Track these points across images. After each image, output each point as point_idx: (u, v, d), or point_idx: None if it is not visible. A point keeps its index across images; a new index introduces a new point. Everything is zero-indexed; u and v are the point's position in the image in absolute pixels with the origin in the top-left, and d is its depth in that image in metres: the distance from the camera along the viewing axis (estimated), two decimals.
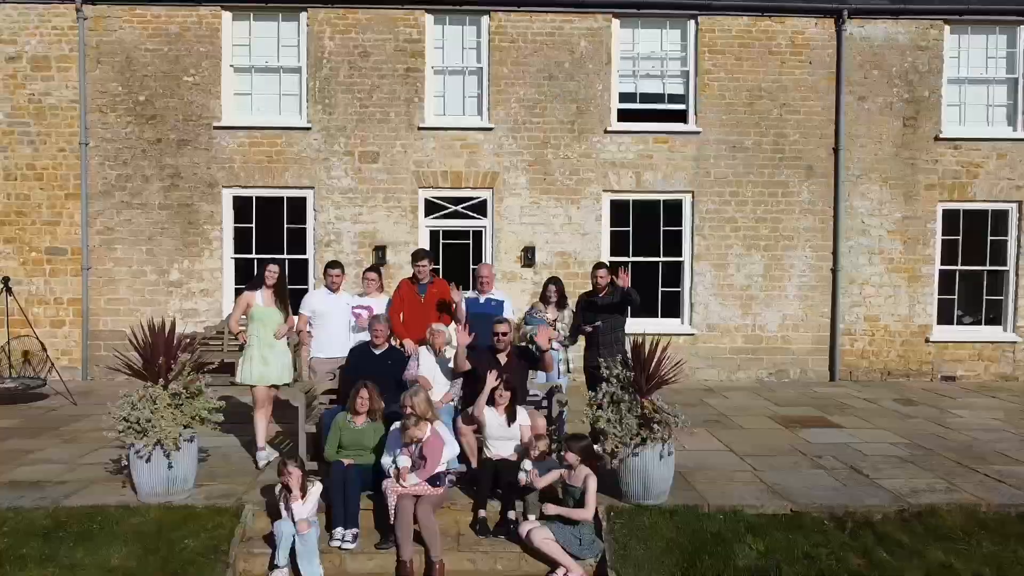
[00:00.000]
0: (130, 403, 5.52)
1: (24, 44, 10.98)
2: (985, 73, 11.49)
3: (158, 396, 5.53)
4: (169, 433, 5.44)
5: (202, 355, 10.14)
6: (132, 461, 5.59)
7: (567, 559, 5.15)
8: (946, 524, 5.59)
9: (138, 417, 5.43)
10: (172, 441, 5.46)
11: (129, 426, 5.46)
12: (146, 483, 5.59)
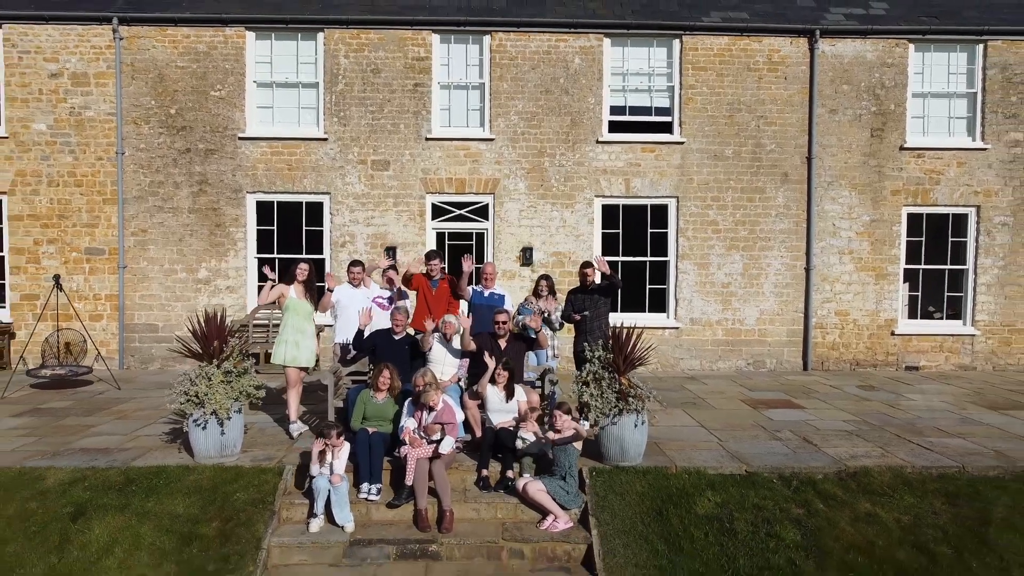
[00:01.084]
0: (189, 379, 6.56)
1: (65, 62, 12.02)
2: (947, 88, 12.50)
3: (212, 374, 6.57)
4: (222, 404, 6.48)
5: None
6: (190, 428, 6.62)
7: (556, 507, 6.18)
8: (875, 482, 6.61)
9: (196, 391, 6.47)
10: (224, 411, 6.50)
11: (188, 399, 6.50)
12: (202, 447, 6.63)
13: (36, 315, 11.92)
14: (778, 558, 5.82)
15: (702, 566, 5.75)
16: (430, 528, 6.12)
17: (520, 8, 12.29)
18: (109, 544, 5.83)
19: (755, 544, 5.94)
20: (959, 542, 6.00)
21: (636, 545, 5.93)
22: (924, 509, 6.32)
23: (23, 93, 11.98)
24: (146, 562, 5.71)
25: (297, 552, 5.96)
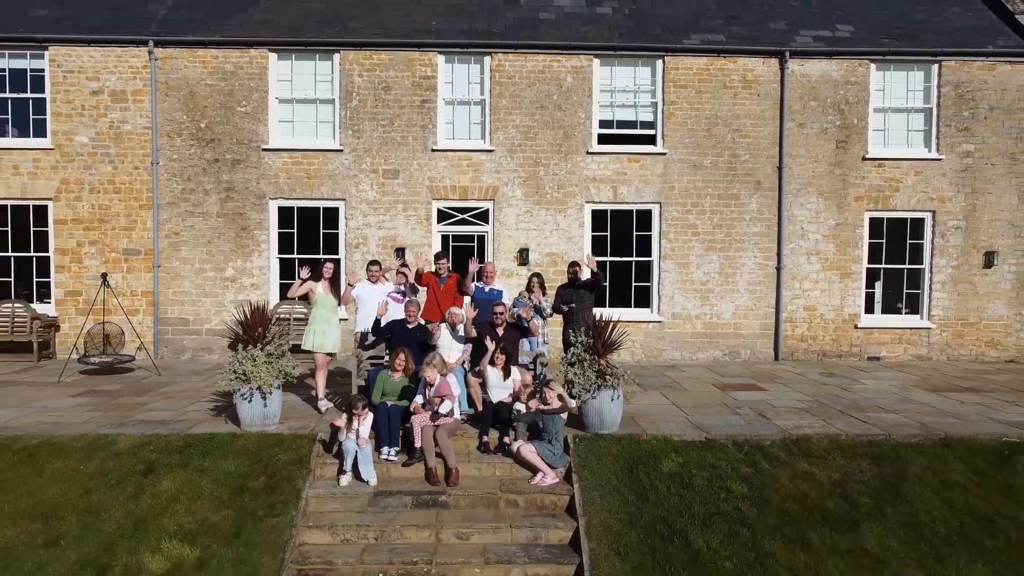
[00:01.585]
0: (237, 360, 7.81)
1: (105, 80, 13.27)
2: (905, 103, 13.74)
3: (256, 355, 7.81)
4: (265, 381, 7.73)
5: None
6: (238, 401, 7.88)
7: (544, 466, 7.42)
8: (814, 447, 7.86)
9: (243, 370, 7.72)
10: (267, 386, 7.75)
11: (236, 376, 7.75)
12: (247, 417, 7.88)
13: (79, 310, 13.22)
14: (727, 506, 7.07)
15: (664, 512, 7.00)
16: (439, 483, 7.36)
17: (517, 31, 13.54)
18: (176, 494, 7.08)
19: (709, 495, 7.18)
20: (878, 494, 7.24)
21: (610, 496, 7.17)
22: (852, 468, 7.57)
23: (67, 109, 13.24)
24: (207, 508, 6.96)
25: (330, 501, 7.21)
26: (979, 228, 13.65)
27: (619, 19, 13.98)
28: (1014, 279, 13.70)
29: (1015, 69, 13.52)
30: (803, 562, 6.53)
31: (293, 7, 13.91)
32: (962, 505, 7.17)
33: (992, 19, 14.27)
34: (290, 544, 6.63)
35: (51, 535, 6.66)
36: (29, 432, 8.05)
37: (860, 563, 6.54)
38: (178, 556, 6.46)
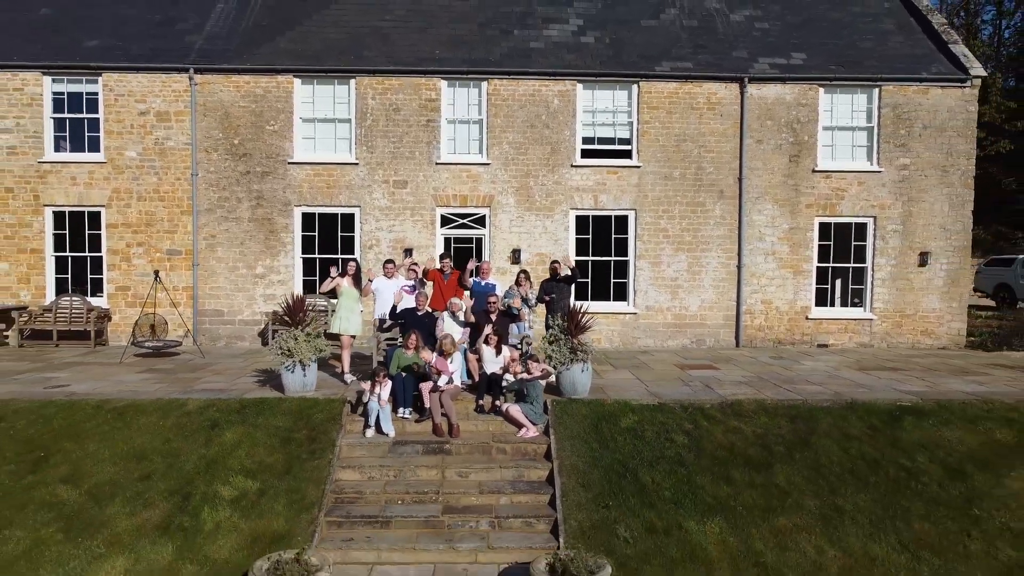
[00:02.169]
0: (282, 338, 9.75)
1: (151, 102, 15.22)
2: (850, 122, 15.68)
3: (298, 335, 9.76)
4: (305, 355, 9.68)
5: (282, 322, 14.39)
6: (282, 372, 9.83)
7: (528, 422, 9.36)
8: (744, 409, 9.80)
9: (288, 347, 9.66)
10: (307, 360, 9.71)
11: (282, 352, 9.70)
12: (290, 384, 9.84)
13: (128, 302, 15.18)
14: (670, 452, 9.02)
15: (620, 456, 8.94)
16: (444, 435, 9.30)
17: (511, 60, 15.48)
18: (237, 443, 9.03)
19: (656, 444, 9.12)
20: (790, 444, 9.19)
21: (579, 445, 9.11)
22: (772, 425, 9.52)
23: (118, 127, 15.19)
24: (263, 452, 8.91)
25: (358, 449, 9.15)
26: (915, 231, 15.59)
27: (600, 48, 15.93)
28: (945, 276, 15.64)
29: (946, 93, 15.46)
30: (726, 492, 8.48)
31: (314, 38, 15.84)
32: (856, 452, 9.12)
33: (929, 48, 16.21)
34: (328, 479, 8.58)
35: (144, 472, 8.61)
36: (115, 397, 10.01)
37: (770, 493, 8.49)
38: (243, 487, 8.41)
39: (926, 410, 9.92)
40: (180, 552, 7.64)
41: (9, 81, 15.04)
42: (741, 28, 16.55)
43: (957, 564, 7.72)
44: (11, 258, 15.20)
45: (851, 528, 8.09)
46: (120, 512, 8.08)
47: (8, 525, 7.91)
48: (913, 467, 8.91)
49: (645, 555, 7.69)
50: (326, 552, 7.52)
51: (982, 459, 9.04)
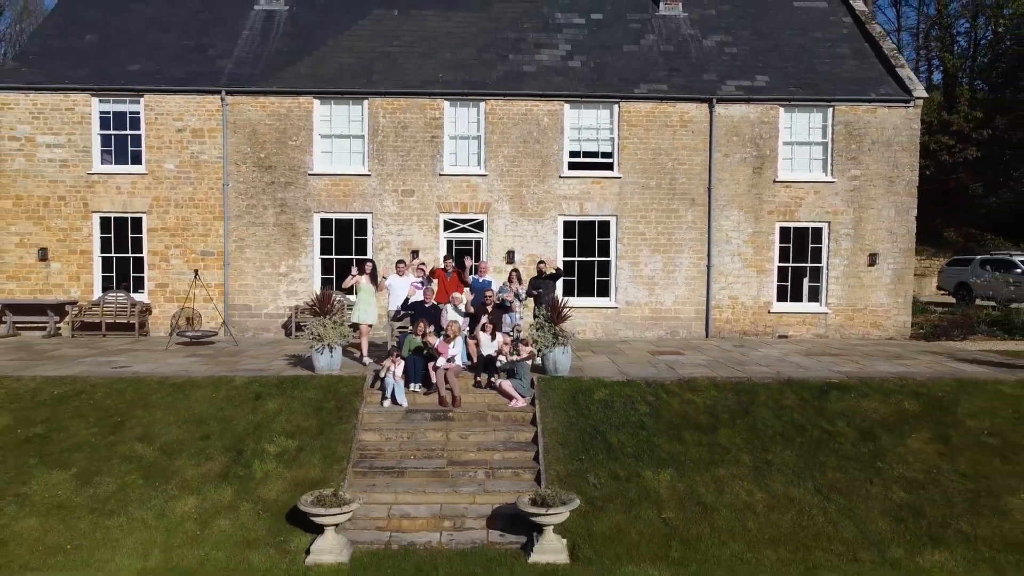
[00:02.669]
0: (314, 325, 11.70)
1: (187, 120, 17.17)
2: (807, 138, 17.64)
3: (326, 322, 11.72)
4: (332, 339, 11.63)
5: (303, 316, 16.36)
6: (313, 354, 11.79)
7: (517, 395, 11.31)
8: (698, 384, 11.75)
9: (319, 332, 11.62)
10: (334, 343, 11.66)
11: (314, 336, 11.66)
12: (320, 364, 11.80)
13: (166, 297, 17.14)
14: (634, 418, 10.96)
15: (592, 422, 10.88)
16: (448, 406, 11.25)
17: (506, 82, 17.43)
18: (278, 411, 10.98)
19: (623, 412, 11.07)
20: (733, 412, 11.13)
21: (559, 413, 11.06)
22: (720, 398, 11.46)
23: (158, 143, 17.14)
24: (299, 418, 10.85)
25: (377, 416, 11.10)
26: (864, 235, 17.55)
27: (585, 72, 17.89)
28: (892, 275, 17.59)
29: (892, 112, 17.42)
30: (677, 449, 10.44)
31: (330, 62, 17.79)
32: (787, 419, 11.07)
33: (880, 71, 18.16)
34: (353, 439, 10.53)
35: (203, 433, 10.56)
36: (172, 375, 11.96)
37: (713, 450, 10.44)
38: (284, 445, 10.36)
39: (850, 386, 11.88)
40: (238, 494, 9.60)
41: (62, 102, 16.99)
42: (712, 52, 18.51)
43: (859, 503, 9.67)
44: (63, 258, 17.15)
45: (777, 477, 10.05)
46: (187, 464, 10.04)
47: (98, 473, 9.87)
48: (833, 430, 10.87)
49: (609, 496, 9.65)
50: (354, 493, 9.47)
51: (890, 424, 11.00)
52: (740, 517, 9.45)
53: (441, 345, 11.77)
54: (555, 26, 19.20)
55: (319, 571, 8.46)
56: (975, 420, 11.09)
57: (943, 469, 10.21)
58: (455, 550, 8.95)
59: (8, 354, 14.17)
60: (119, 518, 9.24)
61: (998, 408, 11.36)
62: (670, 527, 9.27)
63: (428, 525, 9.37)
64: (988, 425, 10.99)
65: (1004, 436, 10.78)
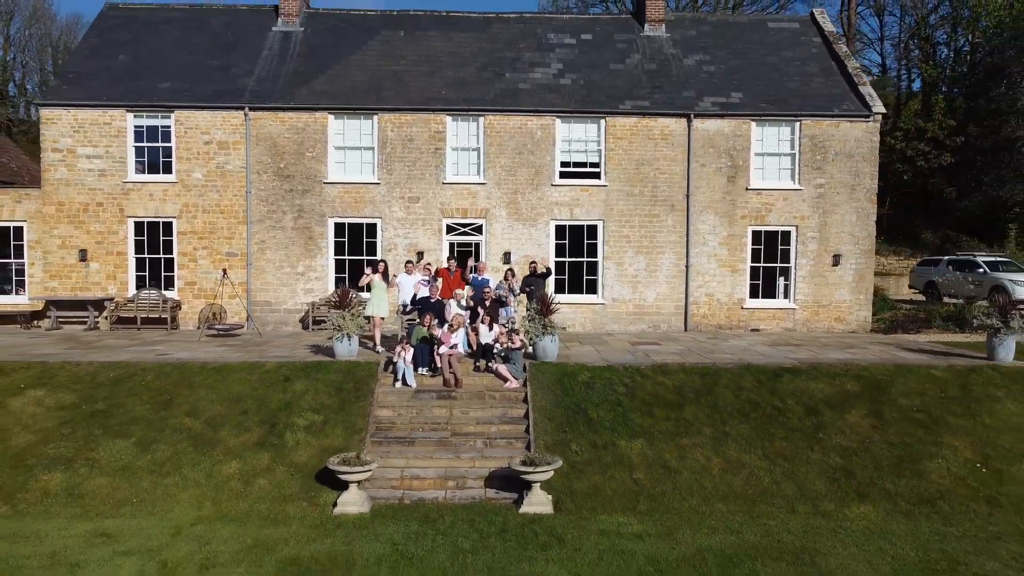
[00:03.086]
0: (335, 317, 13.46)
1: (214, 134, 18.92)
2: (777, 150, 19.38)
3: (346, 315, 13.47)
4: (351, 329, 13.39)
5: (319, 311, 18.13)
6: (334, 342, 13.55)
7: (511, 378, 13.06)
8: (669, 369, 13.50)
9: (339, 323, 13.38)
10: (352, 332, 13.41)
11: (335, 327, 13.41)
12: (340, 351, 13.55)
13: (194, 295, 18.89)
14: (611, 397, 12.69)
15: (576, 400, 12.62)
16: (452, 387, 12.99)
17: (503, 99, 19.18)
18: (304, 391, 12.72)
19: (603, 392, 12.81)
20: (698, 392, 12.88)
21: (547, 392, 12.80)
22: (687, 380, 13.21)
23: (187, 154, 18.89)
24: (323, 397, 12.59)
25: (390, 395, 12.84)
26: (829, 238, 19.30)
27: (575, 89, 19.64)
28: (854, 274, 19.35)
29: (853, 125, 19.17)
30: (648, 423, 12.18)
31: (343, 81, 19.55)
32: (745, 398, 12.82)
33: (844, 88, 19.91)
34: (370, 414, 12.27)
35: (241, 409, 12.31)
36: (210, 361, 13.71)
37: (679, 423, 12.18)
38: (311, 419, 12.11)
39: (801, 370, 13.63)
40: (273, 459, 11.35)
41: (100, 117, 18.74)
42: (692, 71, 20.27)
43: (800, 467, 11.42)
44: (101, 259, 18.90)
45: (732, 445, 11.80)
46: (229, 434, 11.79)
47: (154, 442, 11.61)
48: (783, 407, 12.62)
49: (588, 461, 11.40)
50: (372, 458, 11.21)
51: (833, 402, 12.75)
52: (698, 478, 11.21)
53: (445, 335, 13.52)
54: (548, 46, 20.97)
55: (345, 520, 10.19)
56: (906, 399, 12.85)
57: (874, 439, 11.96)
58: (457, 504, 10.69)
59: (60, 344, 15.92)
60: (174, 478, 11.00)
61: (927, 389, 13.12)
62: (639, 486, 11.02)
63: (435, 484, 11.12)
64: (917, 403, 12.75)
65: (929, 412, 12.53)
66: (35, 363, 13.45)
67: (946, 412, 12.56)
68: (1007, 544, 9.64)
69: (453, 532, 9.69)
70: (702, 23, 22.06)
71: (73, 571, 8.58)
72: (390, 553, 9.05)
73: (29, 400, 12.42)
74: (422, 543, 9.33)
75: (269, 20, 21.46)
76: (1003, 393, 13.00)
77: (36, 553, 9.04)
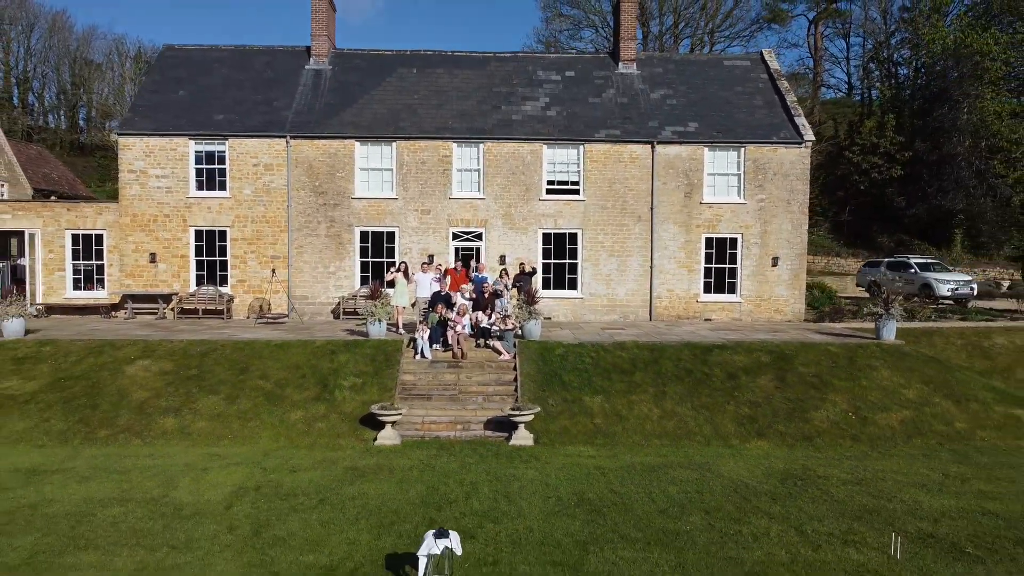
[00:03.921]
0: (369, 305, 17.49)
1: (261, 157, 22.95)
2: (726, 171, 23.41)
3: (377, 304, 17.51)
4: (380, 315, 17.43)
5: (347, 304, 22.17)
6: (368, 326, 17.58)
7: (504, 351, 17.08)
8: (626, 346, 17.53)
9: (371, 310, 17.43)
10: (382, 317, 17.45)
11: (369, 313, 17.46)
12: (372, 332, 17.59)
13: (244, 291, 22.91)
14: (580, 366, 16.71)
15: (553, 368, 16.63)
16: (459, 359, 17.00)
17: (499, 128, 23.21)
18: (347, 361, 16.74)
19: (574, 363, 16.82)
20: (647, 363, 16.90)
21: (532, 362, 16.81)
22: (639, 354, 17.23)
23: (238, 175, 22.91)
24: (362, 366, 16.60)
25: (412, 364, 16.86)
26: (768, 243, 23.32)
27: (560, 120, 23.67)
28: (790, 273, 23.37)
29: (788, 151, 23.20)
30: (607, 384, 16.19)
31: (368, 113, 23.57)
32: (681, 367, 16.83)
33: (783, 118, 23.95)
34: (397, 378, 16.28)
35: (300, 374, 16.32)
36: (272, 340, 17.71)
37: (630, 385, 16.18)
38: (353, 381, 16.12)
39: (728, 347, 17.65)
40: (327, 409, 15.35)
41: (167, 144, 22.77)
42: (656, 104, 24.31)
43: (718, 415, 15.43)
44: (168, 261, 22.92)
45: (668, 401, 15.81)
46: (293, 392, 15.80)
47: (237, 397, 15.62)
48: (710, 373, 16.64)
49: (560, 411, 15.41)
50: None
51: (748, 370, 16.76)
52: (641, 423, 15.22)
53: (456, 319, 17.55)
54: (537, 81, 25.01)
55: (383, 448, 14.18)
56: (805, 367, 16.88)
57: (776, 396, 15.99)
58: (464, 440, 14.69)
59: (146, 329, 19.94)
60: (255, 422, 15.01)
61: (822, 360, 17.15)
62: (597, 428, 15.05)
63: (447, 427, 15.13)
64: (812, 370, 16.78)
65: (821, 377, 16.56)
66: (138, 341, 17.48)
67: (833, 377, 16.60)
68: (851, 462, 13.65)
69: (461, 454, 13.71)
70: (668, 62, 26.13)
71: (203, 473, 12.58)
72: (418, 464, 13.06)
73: (139, 368, 16.44)
74: (439, 459, 13.34)
75: (302, 59, 25.50)
76: (879, 363, 17.04)
77: (172, 464, 13.04)
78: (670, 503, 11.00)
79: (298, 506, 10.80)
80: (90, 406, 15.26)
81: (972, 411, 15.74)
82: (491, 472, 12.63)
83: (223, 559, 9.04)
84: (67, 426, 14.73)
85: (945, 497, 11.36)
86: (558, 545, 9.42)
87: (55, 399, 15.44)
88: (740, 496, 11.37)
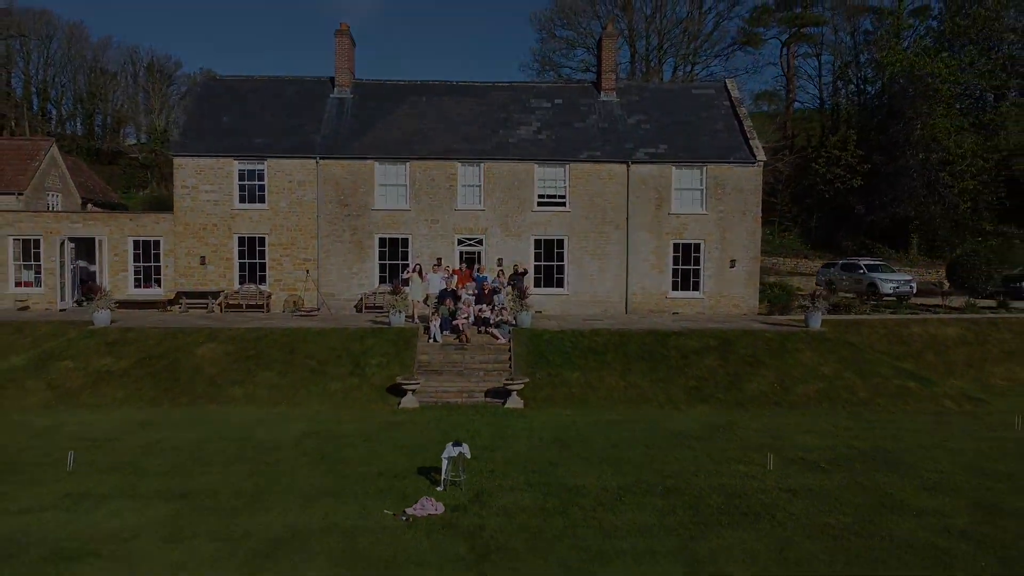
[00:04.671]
0: (391, 299, 21.49)
1: (294, 176, 26.96)
2: (691, 186, 27.41)
3: (398, 297, 21.52)
4: (401, 307, 21.44)
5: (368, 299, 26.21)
6: (390, 315, 21.60)
7: (501, 336, 21.09)
8: (600, 333, 21.53)
9: (393, 303, 21.44)
10: (401, 309, 21.46)
11: (391, 305, 21.47)
12: (394, 321, 21.60)
13: (280, 288, 26.94)
14: (563, 348, 20.71)
15: (541, 350, 20.64)
16: (465, 342, 21.00)
17: (497, 150, 27.23)
18: (374, 344, 20.75)
19: (558, 346, 20.82)
20: (616, 345, 20.90)
21: (523, 346, 20.79)
22: (611, 338, 21.22)
23: (275, 190, 26.93)
24: (386, 348, 20.61)
25: (427, 346, 20.85)
26: (727, 248, 27.34)
27: (549, 142, 27.68)
28: (745, 274, 27.39)
29: (743, 169, 27.21)
30: (584, 362, 20.20)
31: (384, 136, 27.59)
32: (645, 349, 20.87)
33: (739, 141, 27.96)
34: (415, 358, 20.28)
35: (337, 354, 20.32)
36: (311, 327, 21.70)
37: (601, 363, 20.20)
38: (379, 360, 20.13)
39: (684, 333, 21.65)
40: (360, 382, 19.35)
41: (214, 164, 26.78)
42: (632, 128, 28.34)
43: (671, 387, 19.43)
44: (215, 263, 26.93)
45: (633, 376, 19.81)
46: (332, 368, 19.81)
47: (288, 372, 19.62)
48: (667, 354, 20.64)
49: (545, 383, 19.41)
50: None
51: (698, 351, 20.77)
52: (610, 392, 19.23)
53: (463, 310, 21.55)
54: (530, 108, 29.03)
55: (406, 410, 18.15)
56: (744, 350, 20.88)
57: (719, 371, 20.00)
58: (469, 404, 18.68)
59: (203, 320, 23.93)
60: (304, 392, 19.01)
61: (759, 344, 21.16)
62: (574, 395, 19.05)
63: (456, 396, 19.12)
64: (749, 352, 20.79)
65: (756, 357, 20.56)
66: (203, 329, 21.50)
67: (765, 357, 20.61)
68: (768, 419, 17.63)
69: (467, 414, 17.70)
70: (643, 90, 30.15)
71: (272, 424, 16.56)
72: (434, 419, 17.04)
73: (207, 349, 20.45)
74: (450, 417, 17.33)
75: (327, 89, 29.52)
76: (804, 346, 21.06)
77: (246, 420, 17.00)
78: (621, 441, 15.01)
79: (350, 443, 14.81)
80: (172, 379, 19.28)
81: (874, 383, 19.76)
82: (490, 424, 16.63)
83: (305, 468, 13.04)
84: (156, 394, 18.74)
85: (825, 438, 15.39)
86: (536, 464, 13.42)
87: (143, 373, 19.45)
88: (675, 438, 15.38)
